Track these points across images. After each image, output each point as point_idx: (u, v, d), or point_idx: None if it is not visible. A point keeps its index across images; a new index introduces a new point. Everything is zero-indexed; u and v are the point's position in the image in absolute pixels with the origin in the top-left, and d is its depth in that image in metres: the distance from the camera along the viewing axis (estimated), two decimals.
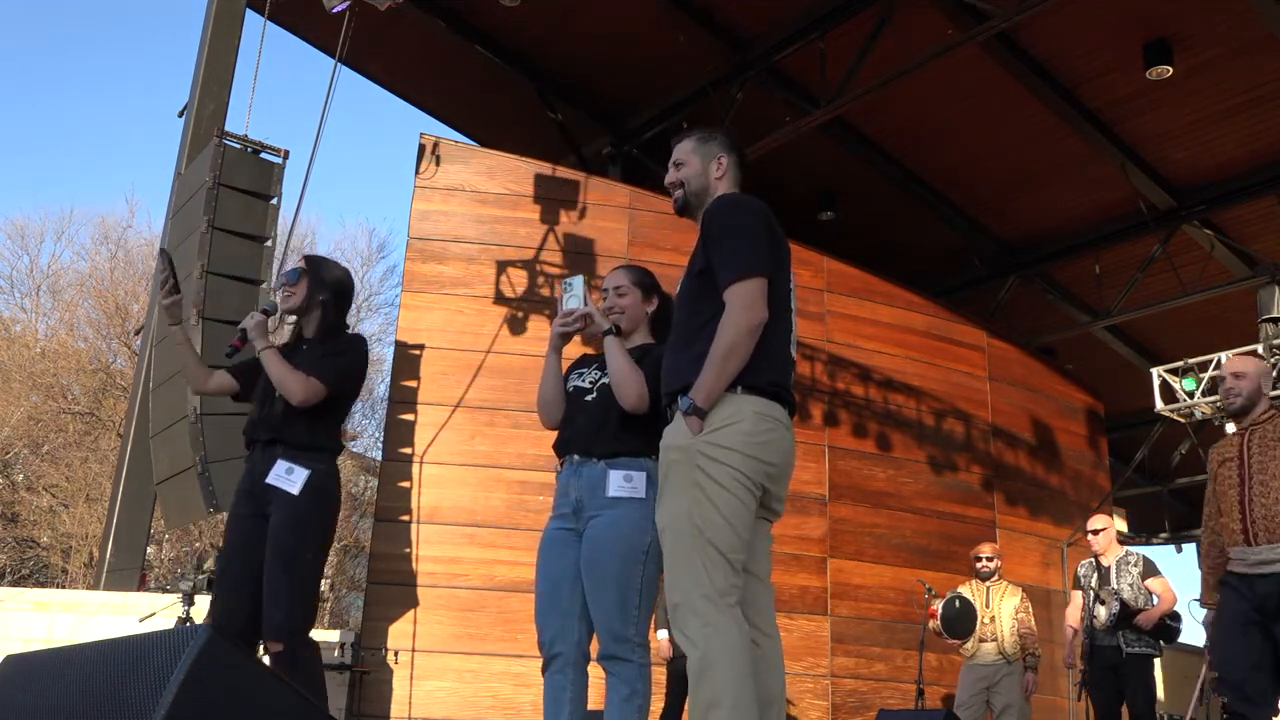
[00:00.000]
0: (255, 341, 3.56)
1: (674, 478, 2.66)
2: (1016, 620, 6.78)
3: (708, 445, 2.61)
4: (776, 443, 2.67)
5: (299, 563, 3.42)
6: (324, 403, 3.53)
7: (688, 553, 2.58)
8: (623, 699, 3.04)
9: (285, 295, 3.68)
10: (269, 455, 3.50)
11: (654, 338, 3.36)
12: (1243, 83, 9.29)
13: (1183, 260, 10.91)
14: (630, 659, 3.06)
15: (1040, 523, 10.02)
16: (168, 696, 1.79)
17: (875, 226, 11.74)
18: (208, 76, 8.96)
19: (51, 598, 7.81)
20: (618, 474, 3.11)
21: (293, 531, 3.42)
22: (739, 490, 2.60)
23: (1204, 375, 10.62)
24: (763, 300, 2.64)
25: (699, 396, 2.62)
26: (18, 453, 19.22)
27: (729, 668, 2.48)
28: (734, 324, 2.61)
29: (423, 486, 7.83)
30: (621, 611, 3.06)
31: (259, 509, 3.49)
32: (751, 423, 2.62)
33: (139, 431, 8.32)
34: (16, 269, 21.69)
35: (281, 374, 3.49)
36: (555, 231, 8.66)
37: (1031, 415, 10.25)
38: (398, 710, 7.42)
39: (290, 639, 3.35)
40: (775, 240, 2.77)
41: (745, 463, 2.61)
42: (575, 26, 10.10)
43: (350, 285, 3.79)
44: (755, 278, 2.65)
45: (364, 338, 3.73)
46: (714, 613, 2.53)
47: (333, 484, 3.55)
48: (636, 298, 3.37)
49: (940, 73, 9.21)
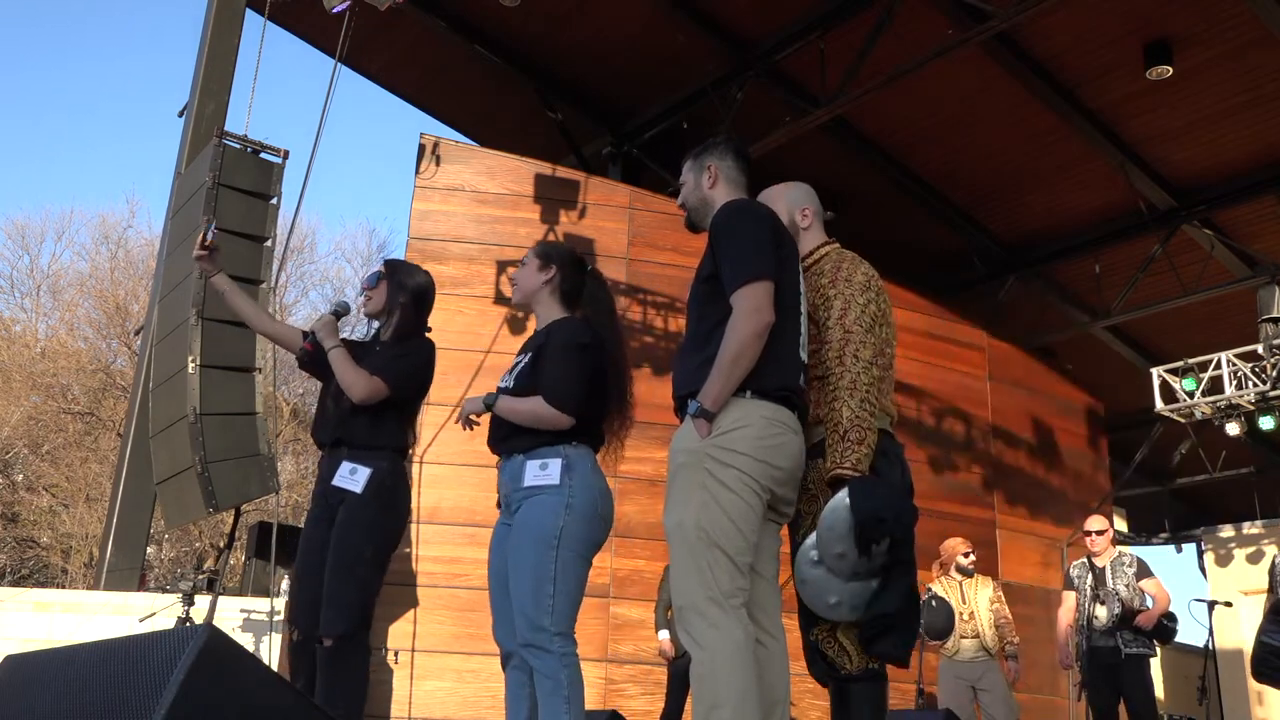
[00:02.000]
0: (324, 341, 3.57)
1: (681, 480, 2.67)
2: (993, 611, 6.77)
3: (715, 449, 2.62)
4: (785, 447, 2.68)
5: (358, 563, 3.42)
6: (386, 402, 3.53)
7: (694, 555, 2.59)
8: (548, 693, 2.98)
9: (365, 299, 3.72)
10: (335, 458, 3.54)
11: (564, 307, 3.35)
12: (1243, 83, 9.29)
13: (1183, 260, 10.91)
14: (549, 649, 3.00)
15: (1040, 523, 10.03)
16: (168, 696, 1.79)
17: (875, 226, 11.73)
18: (208, 76, 8.96)
19: (51, 598, 7.82)
20: (534, 463, 3.13)
21: (353, 531, 3.44)
22: (746, 494, 2.61)
23: (1204, 375, 10.63)
24: (769, 303, 2.66)
25: (707, 400, 2.63)
26: (18, 453, 19.22)
27: (733, 669, 2.50)
28: (740, 328, 2.63)
29: (423, 486, 7.83)
30: (535, 599, 3.02)
31: (329, 511, 3.51)
32: (760, 427, 2.64)
33: (139, 431, 8.32)
34: (17, 269, 21.74)
35: (345, 372, 3.50)
36: (555, 231, 8.67)
37: (1031, 415, 10.25)
38: (398, 710, 7.42)
39: (340, 638, 3.36)
40: (780, 244, 2.79)
41: (754, 466, 2.62)
42: (575, 26, 10.10)
43: (431, 290, 3.80)
44: (760, 281, 2.67)
45: (432, 341, 3.73)
46: (719, 614, 2.54)
47: (397, 482, 3.54)
48: (533, 267, 3.37)
49: (940, 73, 9.21)
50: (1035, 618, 9.57)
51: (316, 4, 7.01)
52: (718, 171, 3.00)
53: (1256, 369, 10.46)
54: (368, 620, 3.52)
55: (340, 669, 3.36)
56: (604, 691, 7.75)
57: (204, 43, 9.15)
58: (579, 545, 3.08)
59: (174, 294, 7.51)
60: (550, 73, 10.79)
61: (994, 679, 6.68)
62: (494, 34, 10.36)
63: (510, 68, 10.63)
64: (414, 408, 3.75)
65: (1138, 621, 6.06)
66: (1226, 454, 13.14)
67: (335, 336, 3.58)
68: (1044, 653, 9.65)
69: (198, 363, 6.68)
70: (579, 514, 3.08)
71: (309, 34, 10.52)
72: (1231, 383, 10.54)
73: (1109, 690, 6.16)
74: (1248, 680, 11.25)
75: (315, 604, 3.42)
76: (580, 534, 3.08)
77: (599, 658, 7.80)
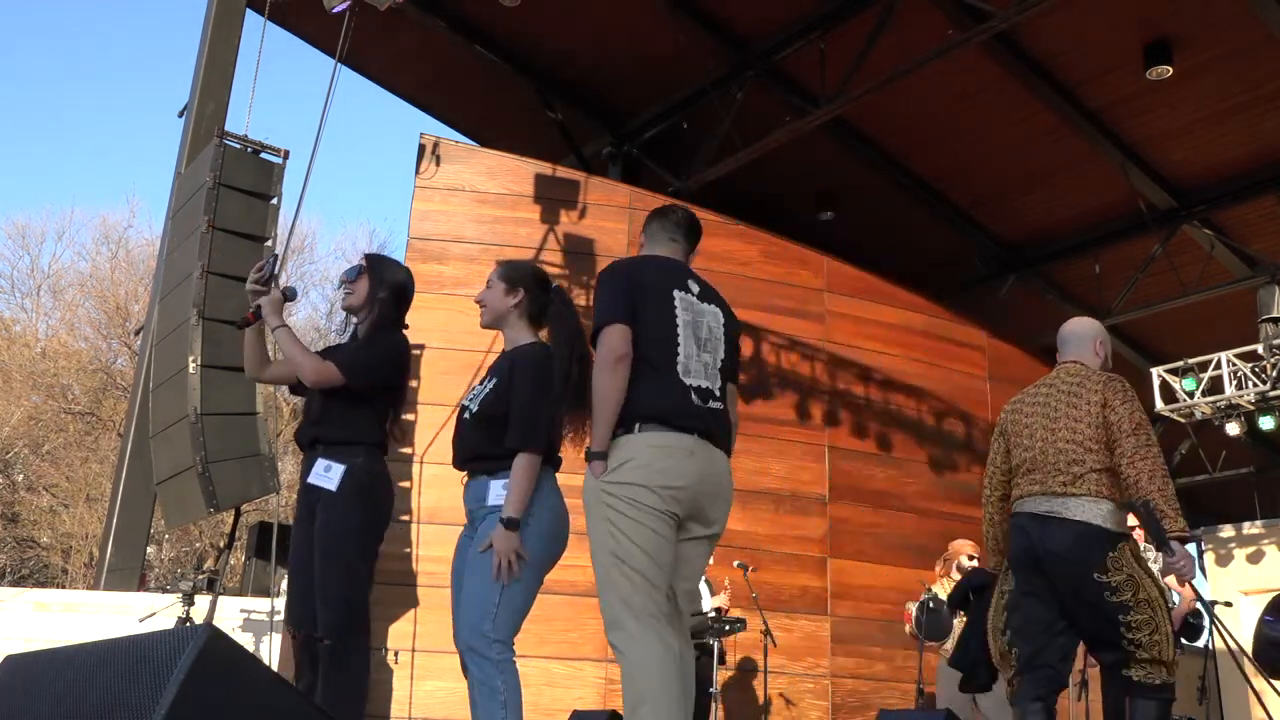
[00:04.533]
0: (269, 319, 3.53)
1: (590, 516, 2.98)
2: None
3: (608, 484, 2.93)
4: (677, 467, 2.95)
5: (342, 560, 3.43)
6: (355, 395, 3.50)
7: (610, 577, 2.91)
8: (485, 698, 3.08)
9: (345, 293, 3.68)
10: (311, 457, 3.54)
11: (533, 328, 3.46)
12: (1243, 83, 9.29)
13: (1183, 260, 10.91)
14: (488, 655, 3.10)
15: None
16: (168, 696, 1.79)
17: (875, 226, 11.74)
18: (208, 76, 8.96)
19: (51, 598, 7.81)
20: (497, 483, 3.25)
21: (333, 529, 3.44)
22: (646, 518, 2.91)
23: (1204, 375, 10.62)
24: (619, 342, 2.95)
25: (594, 443, 2.96)
26: (18, 453, 19.23)
27: (648, 674, 2.83)
28: (597, 373, 2.97)
29: (423, 486, 7.83)
30: (481, 605, 3.13)
31: (309, 511, 3.52)
32: (646, 456, 2.93)
33: (139, 431, 8.32)
34: (17, 269, 21.74)
35: (292, 352, 3.49)
36: (555, 231, 8.66)
37: None
38: (398, 710, 7.42)
39: (337, 637, 3.37)
40: (629, 282, 3.08)
41: (646, 494, 2.91)
42: (575, 26, 10.10)
43: (410, 287, 3.74)
44: (606, 326, 2.99)
45: (403, 335, 3.67)
46: (636, 626, 2.86)
47: (372, 477, 3.52)
48: (499, 291, 3.47)
49: (940, 73, 9.21)
50: None
51: (316, 4, 7.01)
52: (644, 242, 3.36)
53: (1256, 369, 10.46)
54: (365, 618, 3.52)
55: (340, 669, 3.37)
56: (604, 691, 7.75)
57: (204, 43, 9.15)
58: (534, 563, 3.19)
59: (174, 294, 7.51)
60: (550, 73, 10.79)
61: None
62: (494, 34, 10.36)
63: (510, 68, 10.63)
64: (387, 401, 3.63)
65: None
66: (1226, 454, 13.14)
67: (280, 316, 3.55)
68: None
69: (198, 363, 6.69)
70: (536, 533, 3.19)
71: (309, 34, 10.52)
72: (1231, 383, 10.54)
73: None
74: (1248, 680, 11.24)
75: (309, 603, 3.42)
76: (537, 553, 3.18)
77: (599, 658, 7.80)
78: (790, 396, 8.90)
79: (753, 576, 7.47)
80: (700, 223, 3.44)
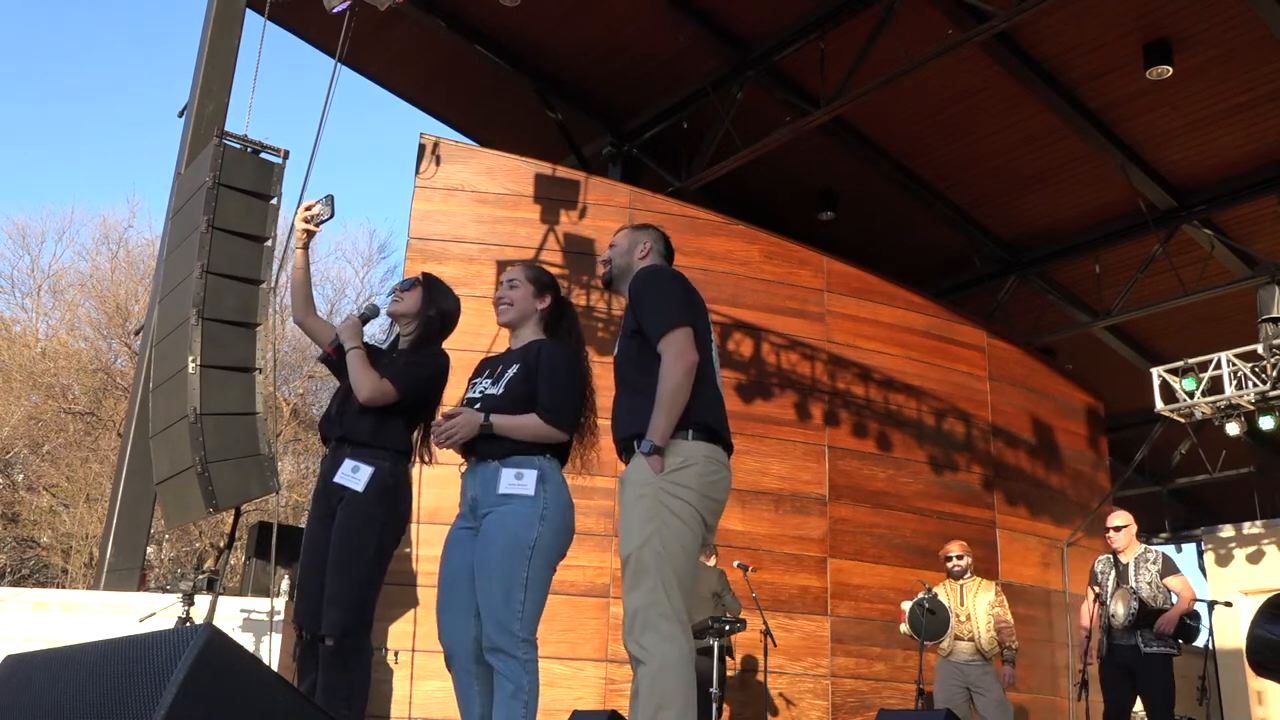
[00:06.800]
0: (345, 342, 3.60)
1: (640, 510, 3.00)
2: (992, 616, 6.75)
3: (668, 483, 2.99)
4: (721, 482, 3.10)
5: (359, 561, 3.43)
6: (394, 405, 3.55)
7: (650, 575, 2.95)
8: (509, 695, 3.06)
9: (395, 299, 3.76)
10: (338, 455, 3.55)
11: (546, 334, 3.49)
12: (1243, 83, 9.30)
13: (1183, 260, 10.91)
14: (515, 654, 3.09)
15: (1040, 523, 10.03)
16: (168, 696, 1.79)
17: (875, 226, 11.75)
18: (208, 76, 8.95)
19: (51, 598, 7.80)
20: (509, 471, 3.21)
21: (355, 529, 3.45)
22: (693, 524, 3.01)
23: (1204, 375, 10.62)
24: (691, 346, 3.05)
25: (656, 437, 2.99)
26: (18, 453, 19.23)
27: (680, 676, 2.88)
28: (672, 368, 3.02)
29: (423, 486, 7.80)
30: (505, 604, 3.10)
31: (329, 509, 3.52)
32: (703, 465, 3.04)
33: (139, 431, 8.31)
34: (17, 269, 21.72)
35: (357, 372, 3.53)
36: (555, 231, 8.66)
37: (1031, 415, 10.26)
38: (398, 710, 7.43)
39: (342, 637, 3.37)
40: (690, 294, 3.19)
41: (700, 500, 3.01)
42: (575, 26, 10.10)
43: (456, 316, 3.84)
44: (681, 328, 3.07)
45: (447, 354, 3.76)
46: (671, 628, 2.91)
47: (398, 483, 3.57)
48: (527, 292, 3.50)
49: (940, 73, 9.21)
50: (1035, 618, 9.58)
51: (316, 4, 7.01)
52: (651, 248, 3.38)
53: (1256, 369, 10.45)
54: (369, 619, 3.52)
55: (342, 669, 3.37)
56: (604, 691, 7.75)
57: (204, 42, 9.14)
58: (550, 555, 3.19)
59: (174, 294, 7.50)
60: (550, 73, 10.79)
61: (989, 683, 6.67)
62: (494, 34, 10.36)
63: (510, 68, 10.63)
64: (421, 414, 3.72)
65: (1157, 627, 5.93)
66: (1226, 454, 13.14)
67: (357, 339, 3.62)
68: (1044, 653, 9.66)
69: (198, 363, 6.67)
70: (552, 525, 3.18)
71: (309, 34, 10.52)
72: (1231, 383, 10.53)
73: (1124, 689, 6.07)
74: (1248, 680, 11.25)
75: (319, 603, 3.42)
76: (552, 545, 3.19)
77: (599, 658, 7.81)
78: (790, 396, 8.91)
79: (753, 576, 7.47)
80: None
